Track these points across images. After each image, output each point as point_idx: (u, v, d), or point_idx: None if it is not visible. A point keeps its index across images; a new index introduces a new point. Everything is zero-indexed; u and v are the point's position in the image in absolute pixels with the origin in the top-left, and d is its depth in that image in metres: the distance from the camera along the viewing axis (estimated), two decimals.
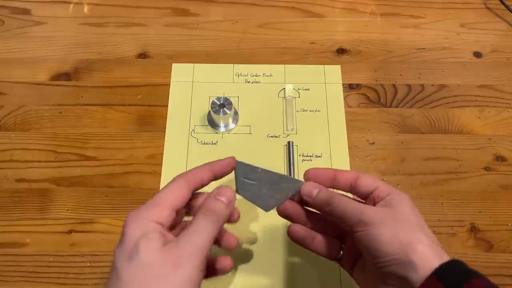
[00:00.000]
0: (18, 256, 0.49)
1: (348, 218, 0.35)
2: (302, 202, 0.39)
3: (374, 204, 0.36)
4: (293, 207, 0.39)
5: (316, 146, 0.55)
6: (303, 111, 0.58)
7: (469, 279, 0.31)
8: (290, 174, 0.53)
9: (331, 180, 0.38)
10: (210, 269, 0.37)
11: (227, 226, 0.39)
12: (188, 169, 0.53)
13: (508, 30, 0.66)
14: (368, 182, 0.37)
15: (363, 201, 0.37)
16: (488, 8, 0.69)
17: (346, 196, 0.37)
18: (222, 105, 0.54)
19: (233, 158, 0.39)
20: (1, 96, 0.59)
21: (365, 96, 0.60)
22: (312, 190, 0.38)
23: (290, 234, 0.39)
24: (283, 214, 0.40)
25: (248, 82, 0.60)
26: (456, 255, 0.35)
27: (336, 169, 0.39)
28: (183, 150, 0.55)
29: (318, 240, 0.39)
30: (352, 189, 0.38)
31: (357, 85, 0.61)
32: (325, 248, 0.39)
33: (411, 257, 0.31)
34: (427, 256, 0.32)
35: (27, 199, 0.52)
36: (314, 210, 0.39)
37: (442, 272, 0.31)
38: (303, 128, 0.56)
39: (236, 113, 0.57)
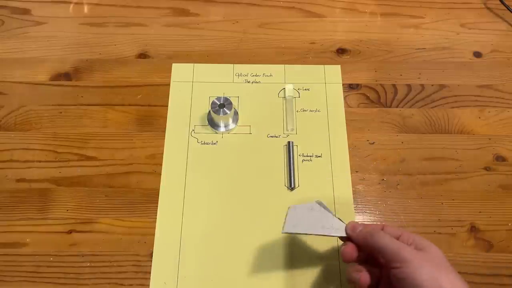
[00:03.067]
0: (18, 256, 0.49)
1: (388, 252, 0.38)
2: (348, 240, 0.42)
3: None
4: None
5: (316, 146, 0.55)
6: (303, 111, 0.58)
7: None
8: (290, 174, 0.53)
9: None
10: None
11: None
12: (188, 169, 0.53)
13: (508, 30, 0.66)
14: (392, 230, 0.40)
15: None
16: (488, 8, 0.68)
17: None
18: (222, 105, 0.54)
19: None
20: (1, 96, 0.59)
21: (365, 96, 0.60)
22: (356, 226, 0.42)
23: (343, 255, 0.42)
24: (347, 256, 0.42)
25: (248, 82, 0.60)
26: (456, 255, 0.35)
27: (364, 224, 0.42)
28: (183, 150, 0.55)
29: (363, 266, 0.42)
30: None
31: (357, 85, 0.61)
32: (367, 276, 0.40)
33: None
34: None
35: (27, 199, 0.52)
36: None
37: None
38: (303, 128, 0.56)
39: (236, 113, 0.57)
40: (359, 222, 0.43)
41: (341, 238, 0.43)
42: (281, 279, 0.48)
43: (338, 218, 0.43)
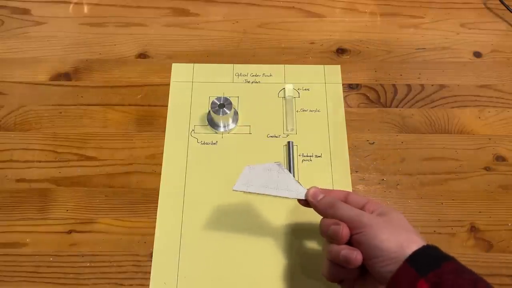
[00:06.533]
0: (18, 256, 0.49)
1: (350, 220, 0.38)
2: (307, 205, 0.42)
3: None
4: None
5: (316, 146, 0.55)
6: (303, 111, 0.58)
7: (440, 263, 0.34)
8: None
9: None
10: None
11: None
12: (188, 169, 0.53)
13: (508, 30, 0.66)
14: (357, 199, 0.41)
15: None
16: (488, 8, 0.68)
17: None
18: (222, 105, 0.54)
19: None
20: (1, 96, 0.59)
21: (365, 96, 0.60)
22: (318, 193, 0.42)
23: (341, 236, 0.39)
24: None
25: (248, 82, 0.60)
26: (456, 255, 0.35)
27: (327, 189, 0.43)
28: (183, 150, 0.55)
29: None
30: None
31: (357, 85, 0.61)
32: (347, 229, 0.39)
33: (407, 254, 0.34)
34: None
35: (27, 199, 0.52)
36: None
37: (415, 257, 0.34)
38: (303, 128, 0.56)
39: (236, 113, 0.57)
40: (321, 188, 0.42)
41: (299, 201, 0.42)
42: (281, 278, 0.48)
43: (297, 182, 0.42)
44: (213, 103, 0.54)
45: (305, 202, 0.42)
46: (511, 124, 0.58)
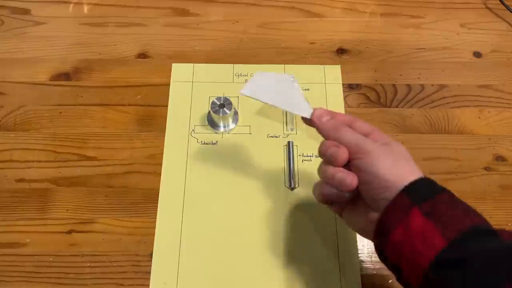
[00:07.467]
0: (18, 256, 0.49)
1: (352, 145, 0.37)
2: (311, 124, 0.41)
3: None
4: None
5: (316, 146, 0.54)
6: None
7: (435, 194, 0.34)
8: (290, 174, 0.53)
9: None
10: None
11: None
12: (188, 169, 0.53)
13: (508, 30, 0.66)
14: (363, 126, 0.40)
15: None
16: (488, 8, 0.68)
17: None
18: (222, 105, 0.54)
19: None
20: (1, 96, 0.59)
21: (365, 96, 0.60)
22: (323, 115, 0.40)
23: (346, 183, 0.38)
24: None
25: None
26: None
27: (334, 112, 0.41)
28: (183, 150, 0.55)
29: None
30: None
31: (357, 85, 0.61)
32: (345, 151, 0.39)
33: (405, 183, 0.34)
34: None
35: (27, 199, 0.52)
36: None
37: (412, 187, 0.34)
38: (303, 128, 0.56)
39: (236, 113, 0.57)
40: (328, 110, 0.41)
41: (303, 119, 0.41)
42: (281, 278, 0.48)
43: (306, 100, 0.41)
44: (213, 103, 0.54)
45: (309, 121, 0.41)
46: (511, 124, 0.58)
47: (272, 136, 0.56)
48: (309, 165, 0.54)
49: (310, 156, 0.55)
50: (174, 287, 0.47)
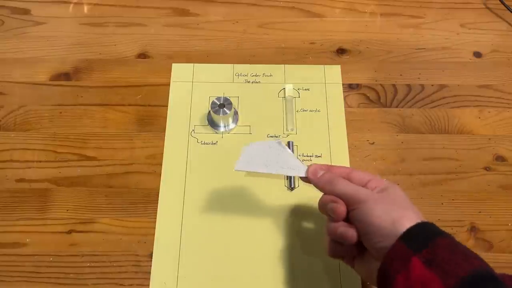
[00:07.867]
0: (18, 256, 0.49)
1: (347, 196, 0.38)
2: (308, 181, 0.42)
3: None
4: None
5: (316, 146, 0.55)
6: (303, 111, 0.58)
7: (434, 239, 0.34)
8: (290, 175, 0.53)
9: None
10: None
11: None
12: (188, 169, 0.53)
13: (508, 30, 0.66)
14: (360, 175, 0.40)
15: None
16: (488, 8, 0.68)
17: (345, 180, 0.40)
18: (222, 105, 0.54)
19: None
20: (1, 96, 0.59)
21: (365, 96, 0.60)
22: (317, 170, 0.41)
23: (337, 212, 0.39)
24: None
25: (248, 82, 0.60)
26: None
27: (331, 165, 0.42)
28: (183, 150, 0.55)
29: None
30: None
31: (357, 85, 0.61)
32: (343, 207, 0.39)
33: (400, 231, 0.34)
34: None
35: (27, 199, 0.52)
36: None
37: (408, 234, 0.34)
38: (303, 128, 0.56)
39: (236, 113, 0.57)
40: (322, 164, 0.42)
41: (302, 179, 0.42)
42: (281, 278, 0.48)
43: (298, 159, 0.42)
44: (213, 103, 0.54)
45: (306, 179, 0.42)
46: (511, 124, 0.58)
47: (272, 136, 0.56)
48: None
49: (310, 156, 0.55)
50: (174, 287, 0.47)
